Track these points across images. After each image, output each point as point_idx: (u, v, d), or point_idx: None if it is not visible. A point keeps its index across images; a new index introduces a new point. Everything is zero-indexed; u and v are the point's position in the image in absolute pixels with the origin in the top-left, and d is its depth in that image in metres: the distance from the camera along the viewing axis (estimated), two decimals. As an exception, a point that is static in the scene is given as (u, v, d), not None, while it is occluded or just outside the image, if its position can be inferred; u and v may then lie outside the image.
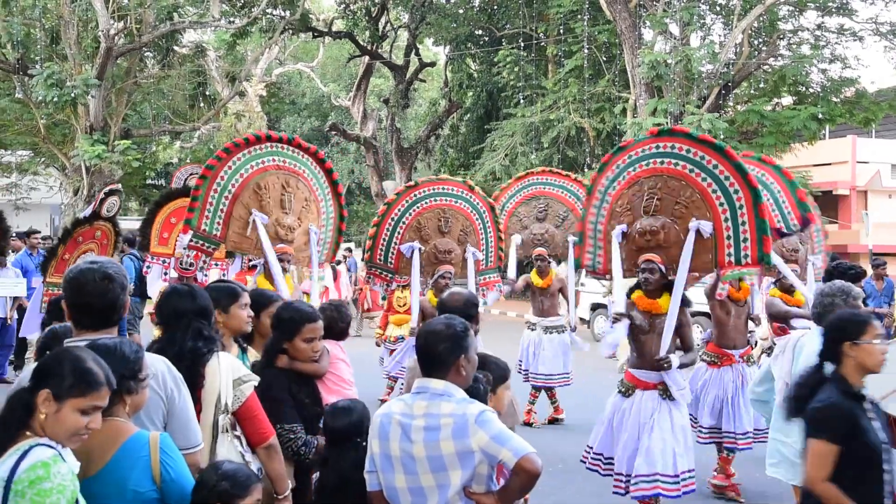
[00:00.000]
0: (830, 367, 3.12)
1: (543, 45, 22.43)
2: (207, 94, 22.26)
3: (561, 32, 21.74)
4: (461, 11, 24.57)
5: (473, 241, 6.92)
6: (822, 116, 16.96)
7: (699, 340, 7.57)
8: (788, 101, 18.91)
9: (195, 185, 5.48)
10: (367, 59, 25.53)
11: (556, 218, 8.53)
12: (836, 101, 17.82)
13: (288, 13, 19.93)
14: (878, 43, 23.50)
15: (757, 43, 18.57)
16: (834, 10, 18.14)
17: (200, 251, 5.46)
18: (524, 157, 20.34)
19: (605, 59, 20.58)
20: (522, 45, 22.56)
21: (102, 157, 16.25)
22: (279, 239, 5.74)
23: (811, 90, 18.51)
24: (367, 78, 26.40)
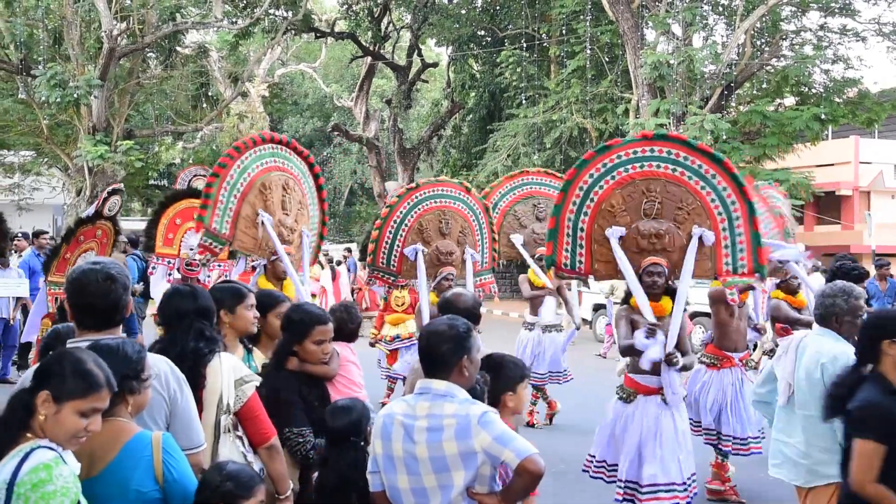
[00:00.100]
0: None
1: (546, 45, 22.45)
2: (210, 94, 22.31)
3: (563, 33, 21.74)
4: (463, 12, 24.60)
5: (471, 242, 6.91)
6: (824, 117, 16.97)
7: (700, 342, 7.56)
8: (791, 101, 18.90)
9: (207, 182, 5.47)
10: (369, 59, 25.57)
11: None
12: (838, 101, 17.83)
13: (290, 14, 19.93)
14: (880, 43, 23.43)
15: (759, 43, 18.56)
16: (837, 10, 18.14)
17: (207, 250, 5.46)
18: (526, 157, 20.34)
19: (607, 59, 20.57)
20: (525, 45, 22.60)
21: (105, 157, 16.28)
22: (282, 239, 5.74)
23: (814, 91, 18.52)
24: (369, 78, 26.45)
